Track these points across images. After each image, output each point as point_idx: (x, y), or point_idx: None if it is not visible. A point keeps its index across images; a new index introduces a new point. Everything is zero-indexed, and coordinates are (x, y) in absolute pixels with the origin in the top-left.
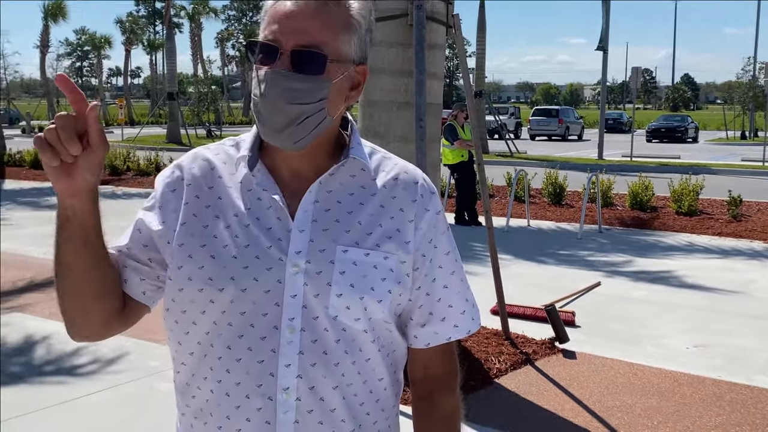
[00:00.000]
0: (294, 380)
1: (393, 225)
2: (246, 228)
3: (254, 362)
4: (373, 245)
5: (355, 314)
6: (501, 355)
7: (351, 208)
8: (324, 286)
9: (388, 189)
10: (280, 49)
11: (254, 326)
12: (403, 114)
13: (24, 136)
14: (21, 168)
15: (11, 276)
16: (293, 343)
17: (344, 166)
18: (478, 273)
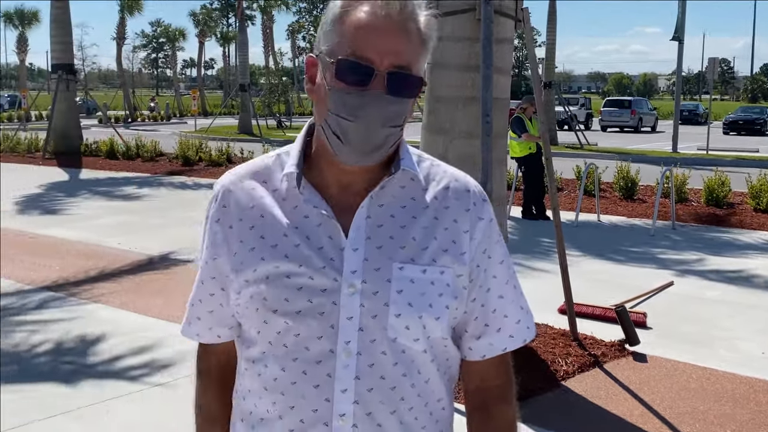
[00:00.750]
0: (350, 406)
1: (448, 237)
2: (296, 248)
3: (309, 386)
4: (430, 260)
5: (414, 334)
6: (568, 356)
7: (404, 222)
8: (381, 306)
9: (440, 200)
10: (376, 70)
11: (309, 349)
12: (469, 109)
13: (100, 126)
14: (97, 158)
15: (84, 265)
16: (349, 368)
17: (394, 178)
18: (545, 269)
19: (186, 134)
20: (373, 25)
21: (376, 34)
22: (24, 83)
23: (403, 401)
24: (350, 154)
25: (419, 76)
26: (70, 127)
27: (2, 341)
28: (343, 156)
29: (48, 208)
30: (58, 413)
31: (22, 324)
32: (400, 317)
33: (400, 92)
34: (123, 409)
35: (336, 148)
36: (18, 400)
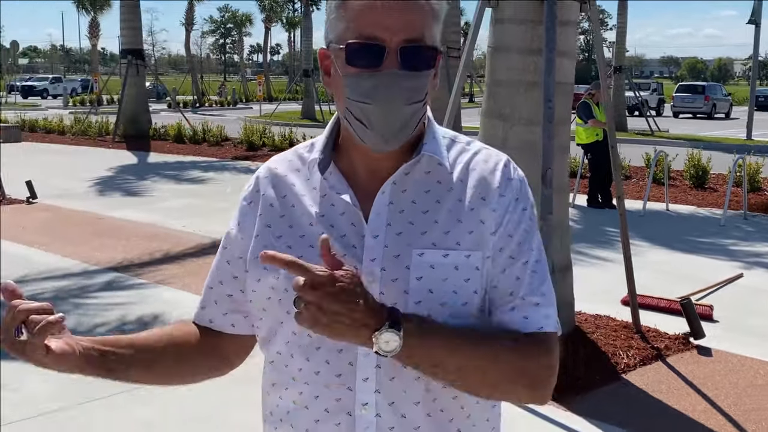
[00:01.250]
0: (372, 395)
1: (474, 218)
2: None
3: (332, 376)
4: (453, 244)
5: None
6: (630, 349)
7: (427, 207)
8: (401, 294)
9: (465, 181)
10: (386, 48)
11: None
12: (531, 94)
13: (169, 111)
14: (165, 141)
15: (148, 247)
16: (370, 356)
17: (419, 163)
18: (609, 259)
19: (251, 119)
20: (376, 2)
21: (380, 11)
22: (96, 68)
23: (428, 392)
24: (376, 139)
25: (433, 45)
26: (139, 112)
27: (68, 319)
28: (370, 142)
29: (117, 190)
30: (119, 392)
31: (86, 303)
32: (420, 305)
33: (415, 66)
34: (181, 390)
35: (361, 135)
36: (80, 378)
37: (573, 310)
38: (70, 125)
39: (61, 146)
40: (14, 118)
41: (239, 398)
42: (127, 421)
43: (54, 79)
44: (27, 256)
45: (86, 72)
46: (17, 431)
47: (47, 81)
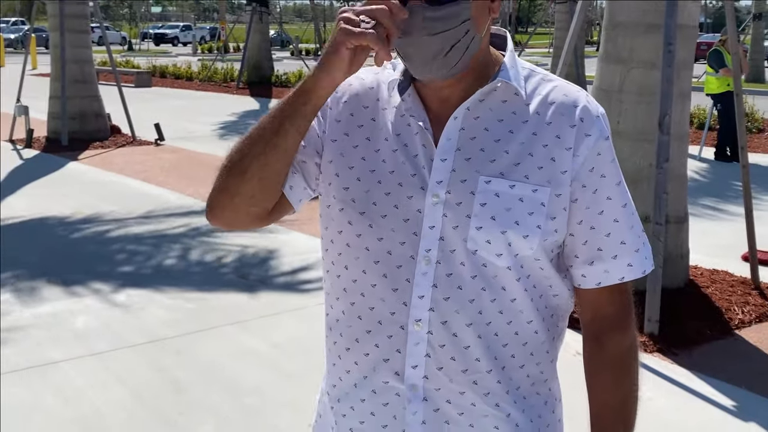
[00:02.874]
0: (426, 313)
1: (546, 154)
2: (394, 153)
3: (389, 289)
4: (521, 176)
5: (496, 249)
6: (746, 305)
7: (499, 136)
8: (463, 218)
9: (542, 114)
10: None
11: (391, 254)
12: (651, 37)
13: (292, 59)
14: (286, 88)
15: None
16: (428, 275)
17: (495, 91)
18: (733, 213)
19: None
20: None
21: None
22: (223, 16)
23: (481, 315)
24: (415, 69)
25: None
26: (262, 59)
27: (191, 252)
28: (415, 73)
29: (238, 134)
30: (233, 322)
31: (207, 239)
32: (480, 230)
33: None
34: (290, 323)
35: (408, 67)
36: (197, 308)
37: (687, 262)
38: (197, 72)
39: (188, 91)
40: (146, 64)
41: None
42: (233, 349)
43: (184, 27)
44: (154, 194)
45: (214, 20)
46: (136, 352)
47: (178, 29)
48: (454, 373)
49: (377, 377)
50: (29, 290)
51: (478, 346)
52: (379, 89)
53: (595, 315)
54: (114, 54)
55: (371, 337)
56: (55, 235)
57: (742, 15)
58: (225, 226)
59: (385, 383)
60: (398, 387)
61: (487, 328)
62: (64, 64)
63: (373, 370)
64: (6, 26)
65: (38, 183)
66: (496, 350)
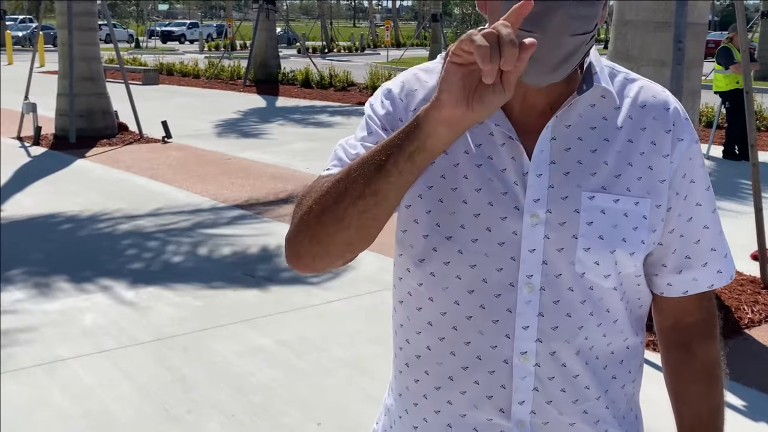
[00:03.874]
0: (533, 344)
1: (644, 162)
2: (478, 168)
3: (488, 321)
4: (623, 189)
5: (604, 270)
6: (756, 304)
7: (595, 145)
8: (569, 239)
9: (635, 119)
10: None
11: (487, 282)
12: (661, 35)
13: (299, 56)
14: (293, 86)
15: (273, 187)
16: (532, 303)
17: (584, 95)
18: (741, 212)
19: (377, 65)
20: None
21: None
22: (230, 13)
23: (587, 341)
24: (535, 72)
25: None
26: (269, 56)
27: (199, 249)
28: (528, 74)
29: (245, 132)
30: (240, 320)
31: (214, 236)
32: (589, 251)
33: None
34: (297, 321)
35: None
36: (205, 306)
37: None
38: (204, 69)
39: (195, 89)
40: (153, 62)
41: (349, 328)
42: (241, 347)
43: (191, 25)
44: (161, 192)
45: (221, 17)
46: (144, 349)
47: (185, 26)
48: (565, 405)
49: (479, 415)
50: (37, 287)
51: (586, 374)
52: None
53: (678, 322)
54: (121, 52)
55: (469, 374)
56: (62, 233)
57: (750, 13)
58: (311, 272)
59: (488, 421)
60: (503, 424)
61: (590, 353)
62: (72, 62)
63: (474, 408)
64: (14, 24)
65: (46, 180)
66: (601, 375)
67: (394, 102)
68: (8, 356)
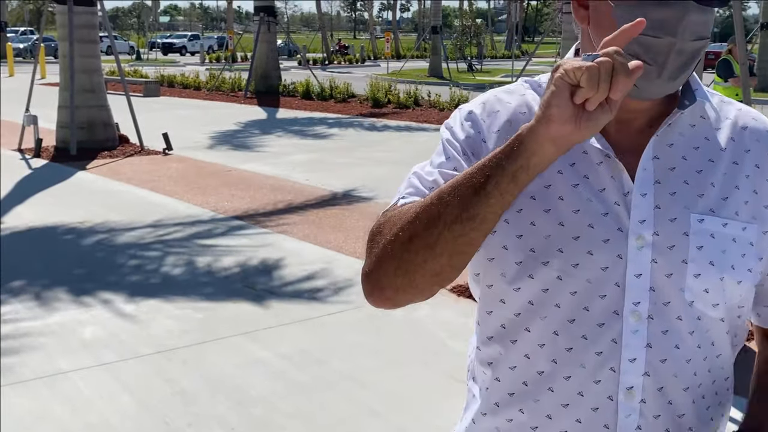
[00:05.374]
0: (640, 378)
1: (749, 186)
2: (574, 188)
3: (591, 353)
4: (732, 213)
5: (713, 299)
6: None
7: (700, 166)
8: (679, 264)
9: (737, 141)
10: None
11: (589, 310)
12: None
13: (299, 68)
14: (293, 98)
15: (274, 199)
16: (639, 333)
17: (684, 114)
18: None
19: (377, 77)
20: None
21: None
22: (231, 25)
23: (695, 377)
24: (654, 81)
25: None
26: (269, 68)
27: (198, 261)
28: (645, 85)
29: (245, 144)
30: (241, 332)
31: (214, 248)
32: (699, 278)
33: (709, 1)
34: (298, 334)
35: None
36: (205, 318)
37: None
38: (205, 81)
39: (196, 101)
40: (154, 73)
41: (350, 341)
42: (241, 360)
43: (192, 37)
44: (161, 203)
45: (222, 29)
46: (144, 362)
47: (186, 38)
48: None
49: None
50: (37, 299)
51: (691, 414)
52: (532, 112)
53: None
54: (122, 63)
55: (570, 412)
56: (63, 244)
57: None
58: (392, 307)
59: None
60: None
61: (698, 391)
62: (73, 74)
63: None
64: (15, 36)
65: (47, 192)
66: (703, 416)
67: (476, 123)
68: (8, 369)
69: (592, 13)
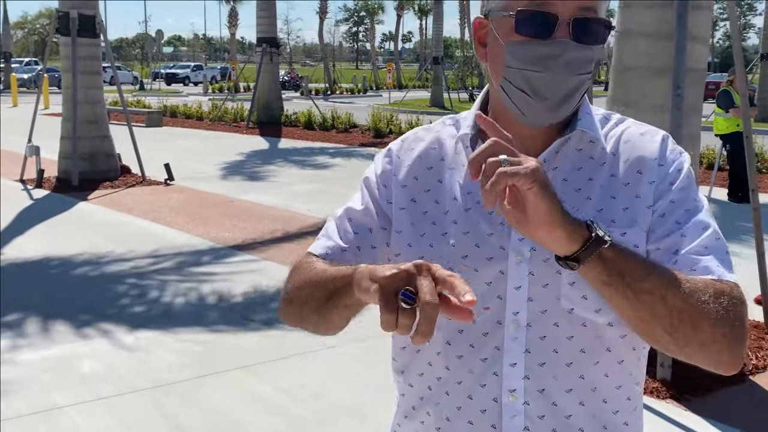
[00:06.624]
0: (521, 381)
1: (630, 192)
2: (466, 213)
3: (477, 360)
4: (608, 221)
5: (594, 305)
6: (760, 350)
7: (579, 185)
8: (553, 274)
9: (617, 155)
10: (559, 18)
11: (475, 321)
12: (660, 81)
13: (301, 98)
14: (296, 128)
15: (274, 228)
16: (518, 340)
17: (571, 140)
18: (745, 255)
19: (379, 107)
20: None
21: None
22: (234, 56)
23: (583, 380)
24: (538, 109)
25: (605, 19)
26: (272, 99)
27: (193, 291)
28: (531, 113)
29: (247, 174)
30: (239, 366)
31: (214, 280)
32: (574, 285)
33: (586, 39)
34: (296, 367)
35: (522, 106)
36: (204, 352)
37: None
38: (208, 111)
39: (198, 131)
40: (157, 104)
41: (349, 373)
42: (240, 394)
43: (195, 67)
44: (162, 234)
45: (225, 60)
46: (142, 396)
47: (189, 68)
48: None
49: None
50: (35, 332)
51: (582, 415)
52: (443, 148)
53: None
54: (125, 93)
55: (463, 414)
56: (62, 276)
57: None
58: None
59: None
60: None
61: (592, 395)
62: (76, 105)
63: None
64: (20, 66)
65: (48, 223)
66: (604, 418)
67: (391, 159)
68: (5, 403)
69: (489, 51)
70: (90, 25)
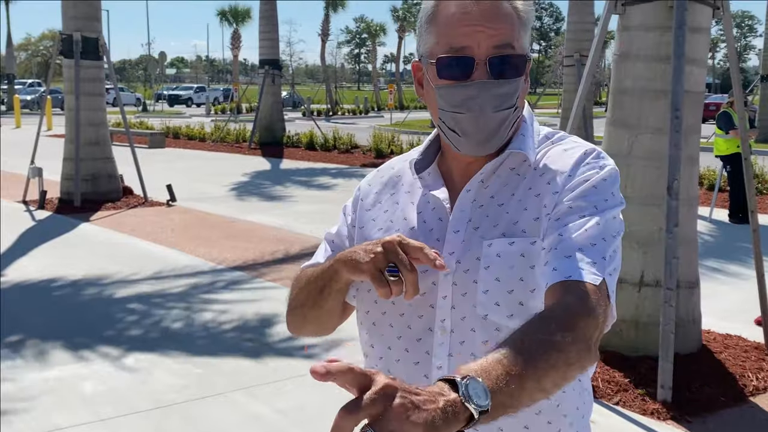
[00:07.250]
0: None
1: (539, 203)
2: (411, 231)
3: (411, 363)
4: (519, 232)
5: (507, 311)
6: (761, 371)
7: (502, 200)
8: (470, 284)
9: (537, 169)
10: (475, 60)
11: (411, 328)
12: (658, 103)
13: (303, 119)
14: (297, 148)
15: (275, 249)
16: (444, 345)
17: (507, 161)
18: (746, 276)
19: (380, 128)
20: (465, 13)
21: (468, 23)
22: (236, 77)
23: None
24: (469, 146)
25: (523, 53)
26: (274, 120)
27: (194, 312)
28: (464, 148)
29: (249, 194)
30: (238, 387)
31: (215, 301)
32: (488, 293)
33: (503, 75)
34: (295, 389)
35: (455, 143)
36: (204, 373)
37: (699, 327)
38: (210, 132)
39: (200, 152)
40: (160, 125)
41: (347, 396)
42: (239, 416)
43: (198, 89)
44: (164, 256)
45: (228, 81)
46: (142, 418)
47: (192, 90)
48: None
49: None
50: (36, 354)
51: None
52: (404, 173)
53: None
54: (128, 115)
55: None
56: (64, 298)
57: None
58: (302, 336)
59: None
60: None
61: None
62: (79, 127)
63: None
64: (23, 87)
65: (50, 244)
66: (527, 419)
67: (363, 187)
68: (6, 425)
69: (425, 93)
70: (93, 48)
